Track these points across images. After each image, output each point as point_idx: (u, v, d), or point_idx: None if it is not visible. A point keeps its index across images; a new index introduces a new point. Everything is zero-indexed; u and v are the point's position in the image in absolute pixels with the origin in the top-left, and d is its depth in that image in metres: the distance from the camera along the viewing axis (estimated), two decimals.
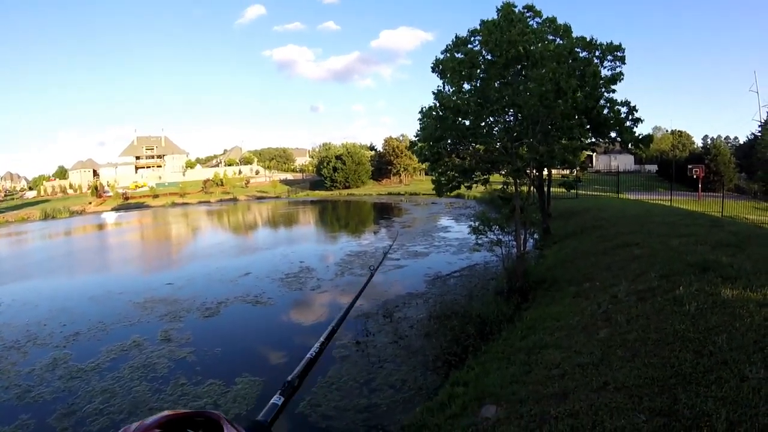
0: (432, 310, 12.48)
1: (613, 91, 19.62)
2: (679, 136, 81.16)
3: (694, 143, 78.59)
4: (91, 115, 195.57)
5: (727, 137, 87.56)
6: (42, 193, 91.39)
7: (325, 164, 79.79)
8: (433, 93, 15.73)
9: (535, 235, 18.68)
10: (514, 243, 13.86)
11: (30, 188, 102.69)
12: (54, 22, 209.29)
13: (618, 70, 19.62)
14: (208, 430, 0.61)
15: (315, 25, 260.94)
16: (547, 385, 5.65)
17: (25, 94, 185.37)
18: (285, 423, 7.67)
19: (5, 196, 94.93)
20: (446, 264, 18.54)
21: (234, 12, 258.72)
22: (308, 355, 1.20)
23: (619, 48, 19.52)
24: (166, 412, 0.58)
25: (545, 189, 21.45)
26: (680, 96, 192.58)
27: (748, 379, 4.40)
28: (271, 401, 0.97)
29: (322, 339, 1.31)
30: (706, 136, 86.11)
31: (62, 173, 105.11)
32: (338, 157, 77.75)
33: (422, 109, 15.88)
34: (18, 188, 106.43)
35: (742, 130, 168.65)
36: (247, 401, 8.17)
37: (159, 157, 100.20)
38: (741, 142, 72.36)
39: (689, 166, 37.01)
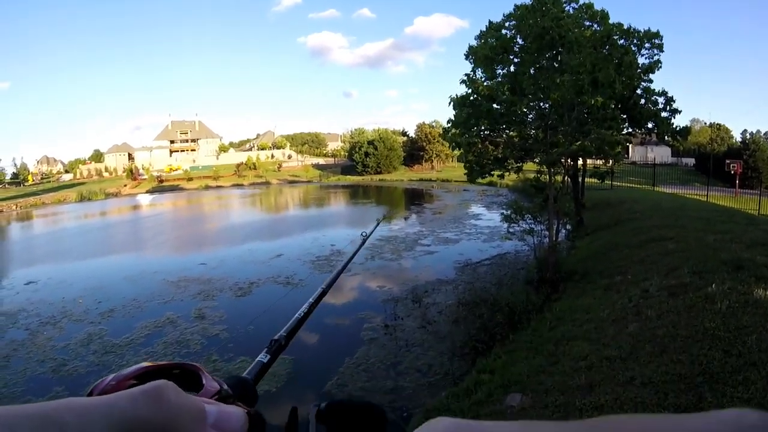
0: (461, 297, 12.49)
1: (650, 80, 19.28)
2: (718, 130, 78.99)
3: (732, 137, 76.17)
4: (126, 101, 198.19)
5: (766, 132, 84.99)
6: (78, 176, 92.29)
7: (357, 149, 79.66)
8: (462, 81, 15.60)
9: (568, 226, 18.49)
10: (546, 233, 13.78)
11: (66, 171, 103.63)
12: (91, 10, 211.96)
13: (656, 58, 19.24)
14: (187, 381, 0.60)
15: (350, 12, 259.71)
16: (573, 377, 5.67)
17: (62, 81, 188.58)
18: (311, 402, 7.83)
19: (42, 179, 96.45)
20: (477, 251, 18.49)
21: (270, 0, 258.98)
22: (297, 315, 1.22)
23: (657, 35, 19.08)
24: (143, 364, 0.58)
25: (579, 179, 21.18)
26: (719, 88, 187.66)
27: None
28: (257, 359, 1.00)
29: (311, 300, 1.33)
30: (745, 131, 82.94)
31: (98, 157, 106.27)
32: (370, 143, 77.54)
33: (453, 97, 15.73)
34: (54, 171, 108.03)
35: None
36: (277, 378, 8.29)
37: (193, 141, 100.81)
38: None
39: (727, 161, 36.16)
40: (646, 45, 19.23)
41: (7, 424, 0.33)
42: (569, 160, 16.45)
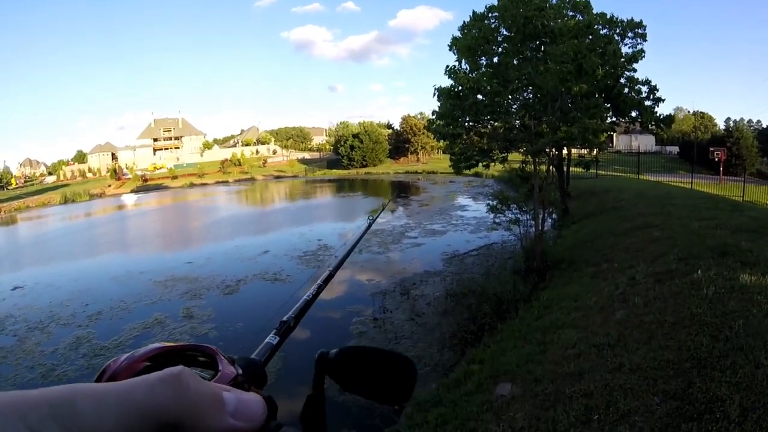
0: (449, 289, 12.55)
1: (634, 69, 19.36)
2: (701, 118, 79.52)
3: (716, 125, 76.73)
4: (109, 100, 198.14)
5: (749, 120, 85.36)
6: (61, 177, 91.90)
7: (342, 143, 79.51)
8: (445, 73, 15.59)
9: (554, 215, 18.56)
10: (533, 222, 13.83)
11: (49, 173, 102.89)
12: (71, 9, 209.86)
13: (639, 47, 19.34)
14: (202, 364, 0.60)
15: (334, 6, 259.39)
16: (562, 365, 5.70)
17: (42, 82, 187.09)
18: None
19: (25, 181, 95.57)
20: (464, 242, 18.52)
21: None
22: (305, 297, 1.20)
23: (640, 25, 19.20)
24: (157, 345, 0.56)
25: (564, 168, 21.27)
26: (703, 77, 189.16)
27: (763, 365, 4.42)
28: (266, 340, 0.98)
29: (319, 282, 1.32)
30: (728, 119, 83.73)
31: (81, 157, 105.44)
32: (355, 136, 77.39)
33: (438, 87, 15.73)
34: (37, 174, 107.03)
35: (765, 113, 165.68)
36: (269, 373, 8.26)
37: (176, 138, 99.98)
38: (764, 125, 71.05)
39: (711, 149, 36.43)
40: (629, 34, 19.34)
41: (17, 412, 0.32)
42: (554, 150, 16.52)
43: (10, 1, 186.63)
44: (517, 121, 15.54)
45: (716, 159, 33.54)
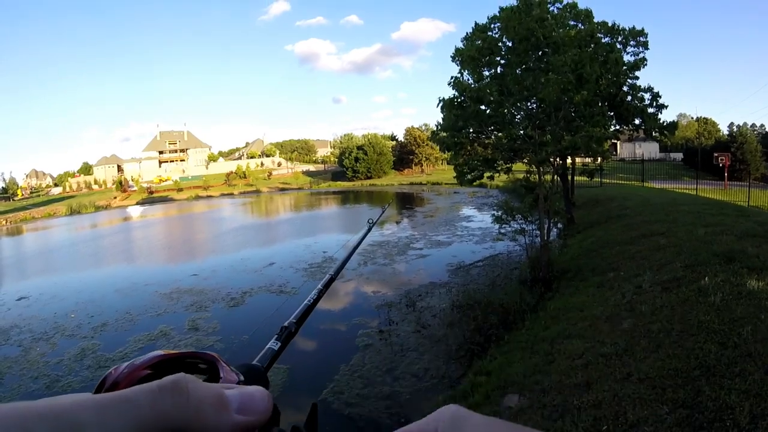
0: (455, 300, 12.48)
1: (636, 77, 19.37)
2: (705, 124, 79.52)
3: (719, 131, 76.58)
4: (114, 112, 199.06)
5: (753, 125, 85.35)
6: (67, 189, 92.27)
7: (346, 155, 79.80)
8: (449, 84, 15.62)
9: (559, 225, 18.52)
10: (538, 232, 13.79)
11: (55, 185, 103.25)
12: (77, 21, 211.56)
13: (641, 55, 19.37)
14: (203, 371, 0.60)
15: (338, 19, 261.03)
16: (570, 375, 5.66)
17: (49, 92, 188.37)
18: (306, 409, 7.77)
19: (31, 192, 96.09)
20: (469, 253, 18.49)
21: (258, 9, 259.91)
22: (306, 302, 1.20)
23: (641, 33, 19.24)
24: (158, 352, 0.56)
25: (569, 177, 21.22)
26: (705, 83, 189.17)
27: None
28: (268, 346, 0.97)
29: (320, 286, 1.31)
30: (731, 124, 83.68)
31: (87, 169, 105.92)
32: (360, 148, 77.72)
33: (441, 99, 15.77)
34: (43, 185, 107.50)
35: None
36: (273, 387, 8.24)
37: (182, 151, 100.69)
38: None
39: (715, 155, 36.33)
40: (631, 42, 19.36)
41: (21, 425, 0.32)
42: (558, 159, 16.50)
43: (15, 11, 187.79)
44: (521, 131, 15.54)
45: (720, 164, 33.51)
